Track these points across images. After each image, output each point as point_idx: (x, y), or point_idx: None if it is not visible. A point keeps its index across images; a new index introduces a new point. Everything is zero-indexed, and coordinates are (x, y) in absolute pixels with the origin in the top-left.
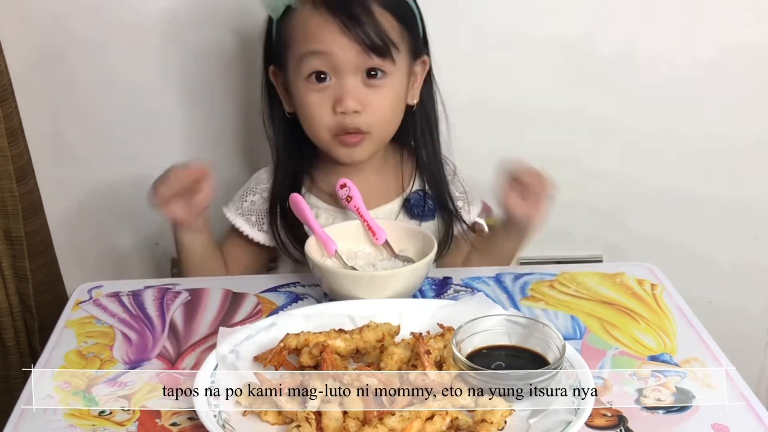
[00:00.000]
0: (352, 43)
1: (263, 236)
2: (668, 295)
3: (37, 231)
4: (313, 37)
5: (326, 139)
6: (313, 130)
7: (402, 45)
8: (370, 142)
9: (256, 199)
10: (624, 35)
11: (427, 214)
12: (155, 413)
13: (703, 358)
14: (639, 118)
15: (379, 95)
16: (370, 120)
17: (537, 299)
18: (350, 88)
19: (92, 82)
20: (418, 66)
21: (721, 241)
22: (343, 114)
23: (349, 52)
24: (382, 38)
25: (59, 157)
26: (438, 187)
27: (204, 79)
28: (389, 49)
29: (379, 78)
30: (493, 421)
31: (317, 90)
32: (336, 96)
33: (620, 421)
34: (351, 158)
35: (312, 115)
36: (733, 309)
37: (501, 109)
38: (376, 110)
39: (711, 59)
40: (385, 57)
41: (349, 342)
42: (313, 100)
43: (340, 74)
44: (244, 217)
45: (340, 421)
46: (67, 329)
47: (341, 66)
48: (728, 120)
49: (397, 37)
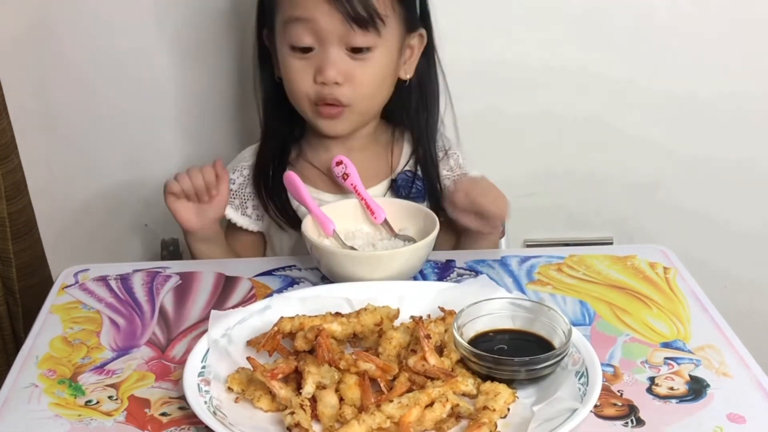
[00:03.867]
0: (335, 11)
1: (247, 221)
2: (681, 279)
3: (20, 212)
4: (298, 2)
5: (306, 108)
6: (294, 98)
7: (391, 17)
8: (352, 115)
9: (236, 177)
10: None
11: (416, 195)
12: (144, 402)
13: (718, 344)
14: (657, 83)
15: (363, 68)
16: (351, 93)
17: (544, 283)
18: (333, 59)
19: (81, 55)
20: (414, 39)
21: (739, 214)
22: (323, 84)
23: (332, 21)
24: (367, 9)
25: (44, 134)
26: (429, 169)
27: (197, 47)
28: (374, 21)
29: (364, 52)
30: (495, 408)
31: (300, 58)
32: (318, 65)
33: (631, 410)
34: (332, 130)
35: (293, 81)
36: (752, 287)
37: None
38: (359, 84)
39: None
40: (368, 29)
41: (346, 326)
42: (296, 67)
43: (323, 43)
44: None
45: (335, 408)
46: (52, 315)
47: (324, 35)
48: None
49: (385, 8)
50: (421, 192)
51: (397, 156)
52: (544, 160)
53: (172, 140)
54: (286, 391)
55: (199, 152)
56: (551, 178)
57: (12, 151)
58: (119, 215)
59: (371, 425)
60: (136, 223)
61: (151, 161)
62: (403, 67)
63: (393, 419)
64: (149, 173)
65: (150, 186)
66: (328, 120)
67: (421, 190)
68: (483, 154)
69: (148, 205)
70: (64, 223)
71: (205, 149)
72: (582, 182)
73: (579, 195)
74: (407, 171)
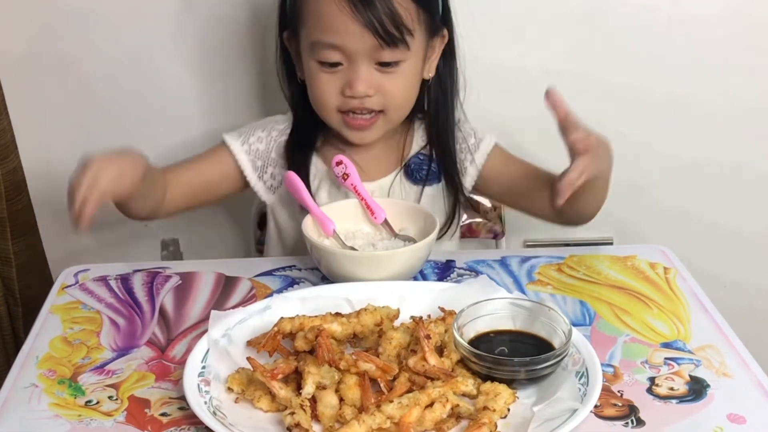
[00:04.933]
0: (365, 30)
1: (261, 186)
2: (682, 279)
3: (20, 211)
4: (327, 26)
5: (333, 119)
6: (321, 109)
7: (418, 28)
8: (384, 123)
9: (264, 136)
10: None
11: (431, 177)
12: (144, 403)
13: (718, 345)
14: (657, 85)
15: (392, 79)
16: (381, 102)
17: (544, 283)
18: (362, 75)
19: (81, 55)
20: (436, 41)
21: (739, 214)
22: (352, 97)
23: (362, 41)
24: (397, 26)
25: (44, 134)
26: (443, 154)
27: (198, 48)
28: (403, 37)
29: (392, 65)
30: (495, 409)
31: (327, 71)
32: (347, 79)
33: (631, 411)
34: (361, 140)
35: (320, 94)
36: (751, 289)
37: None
38: (390, 95)
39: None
40: (398, 46)
41: (346, 326)
42: (323, 80)
43: (352, 61)
44: (250, 157)
45: (335, 409)
46: (52, 315)
47: (353, 54)
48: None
49: (412, 21)
50: (436, 174)
51: (410, 142)
52: (544, 161)
53: (172, 140)
54: (286, 391)
55: (199, 153)
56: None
57: (12, 151)
58: (119, 215)
59: (371, 425)
60: (136, 223)
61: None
62: (426, 66)
63: (393, 419)
64: None
65: None
66: (357, 131)
67: (435, 171)
68: None
69: None
70: (64, 223)
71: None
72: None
73: None
74: (420, 153)
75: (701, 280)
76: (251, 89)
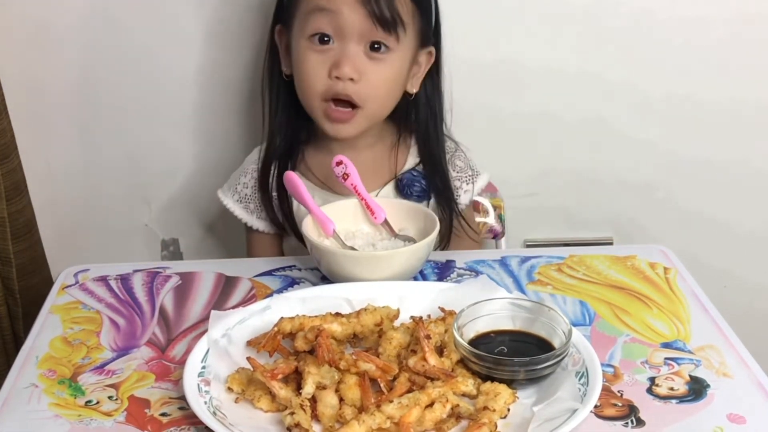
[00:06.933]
0: (361, 7)
1: (263, 224)
2: (682, 279)
3: (20, 212)
4: None
5: (316, 105)
6: (305, 93)
7: (411, 26)
8: (361, 119)
9: (248, 180)
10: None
11: (420, 194)
12: (144, 403)
13: (718, 345)
14: (657, 84)
15: (377, 68)
16: (363, 91)
17: (544, 283)
18: (350, 55)
19: (81, 55)
20: (423, 56)
21: (739, 214)
22: (338, 79)
23: (356, 16)
24: (392, 11)
25: (44, 134)
26: (436, 169)
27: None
28: (396, 24)
29: (381, 52)
30: (495, 409)
31: (317, 51)
32: (335, 59)
33: (631, 411)
34: (339, 134)
35: (307, 74)
36: (751, 289)
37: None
38: (372, 83)
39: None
40: (390, 31)
41: (346, 326)
42: (312, 59)
43: (343, 38)
44: (242, 205)
45: (335, 409)
46: (52, 315)
47: (346, 29)
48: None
49: (407, 15)
50: (426, 192)
51: (403, 157)
52: (544, 161)
53: (173, 140)
54: (286, 391)
55: (200, 152)
56: (551, 178)
57: (12, 151)
58: (119, 215)
59: (371, 425)
60: (136, 223)
61: (151, 161)
62: (411, 80)
63: (393, 419)
64: (150, 173)
65: (150, 186)
66: (336, 124)
67: (426, 189)
68: (483, 154)
69: (148, 205)
70: (64, 223)
71: (206, 149)
72: (582, 182)
73: (579, 195)
74: (412, 170)
75: (701, 280)
76: (252, 93)
